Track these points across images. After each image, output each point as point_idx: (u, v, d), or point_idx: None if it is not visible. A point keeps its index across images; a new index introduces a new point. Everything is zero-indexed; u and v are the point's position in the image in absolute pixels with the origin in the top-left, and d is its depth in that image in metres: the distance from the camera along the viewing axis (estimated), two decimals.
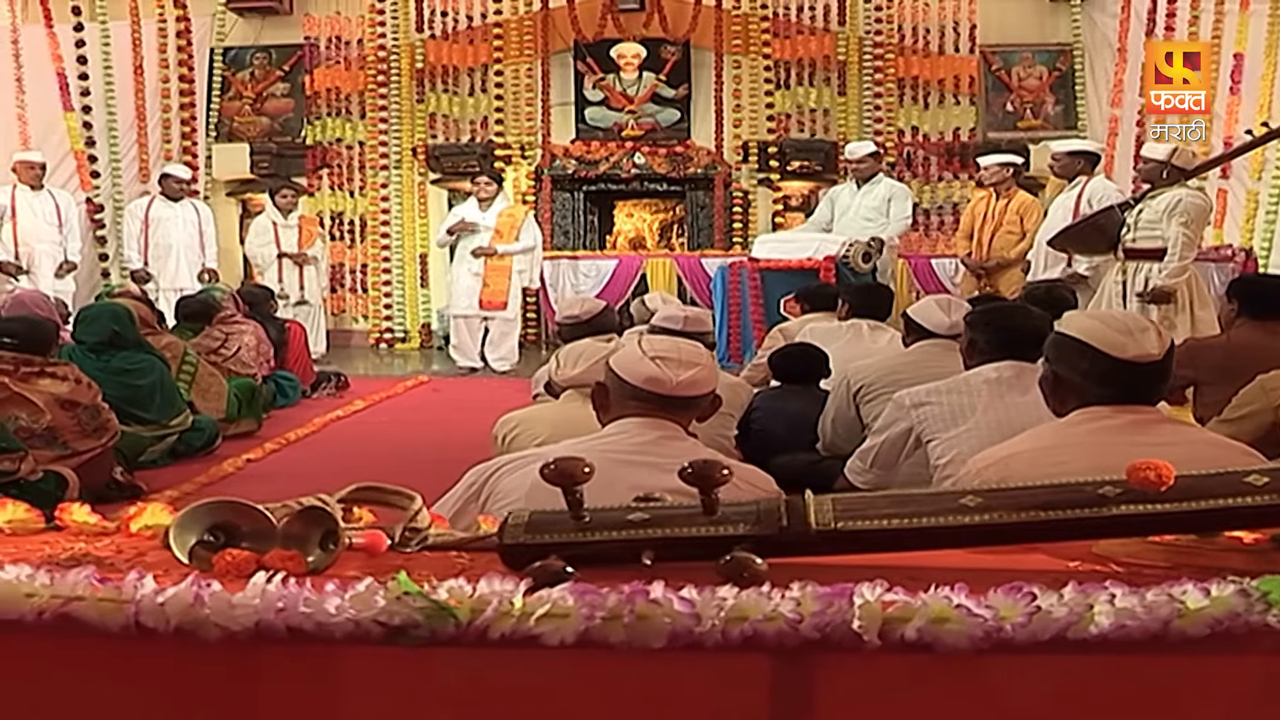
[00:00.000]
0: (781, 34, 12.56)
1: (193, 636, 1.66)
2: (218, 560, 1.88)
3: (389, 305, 12.97)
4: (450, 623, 1.62)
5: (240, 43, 12.83)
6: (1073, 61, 12.18)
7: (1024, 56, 12.36)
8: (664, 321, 5.84)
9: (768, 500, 1.90)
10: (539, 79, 12.85)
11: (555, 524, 1.88)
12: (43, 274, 10.48)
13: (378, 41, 12.73)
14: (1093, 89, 12.07)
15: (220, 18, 12.64)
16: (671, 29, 12.64)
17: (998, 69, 12.37)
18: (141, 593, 1.66)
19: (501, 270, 10.51)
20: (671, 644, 1.60)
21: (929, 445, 4.29)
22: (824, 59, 12.54)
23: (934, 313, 5.38)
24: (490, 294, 10.53)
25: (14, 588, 1.70)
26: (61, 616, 1.68)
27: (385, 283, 12.96)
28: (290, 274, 11.18)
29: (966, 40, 12.31)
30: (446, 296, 12.79)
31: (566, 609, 1.61)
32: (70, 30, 11.75)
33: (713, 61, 12.73)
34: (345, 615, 1.63)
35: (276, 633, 1.64)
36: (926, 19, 12.36)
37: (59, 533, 2.17)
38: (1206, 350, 5.92)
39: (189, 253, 11.13)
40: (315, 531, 1.95)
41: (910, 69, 12.42)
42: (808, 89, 12.59)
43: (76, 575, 1.69)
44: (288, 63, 12.80)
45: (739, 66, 12.71)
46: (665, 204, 13.53)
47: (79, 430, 5.77)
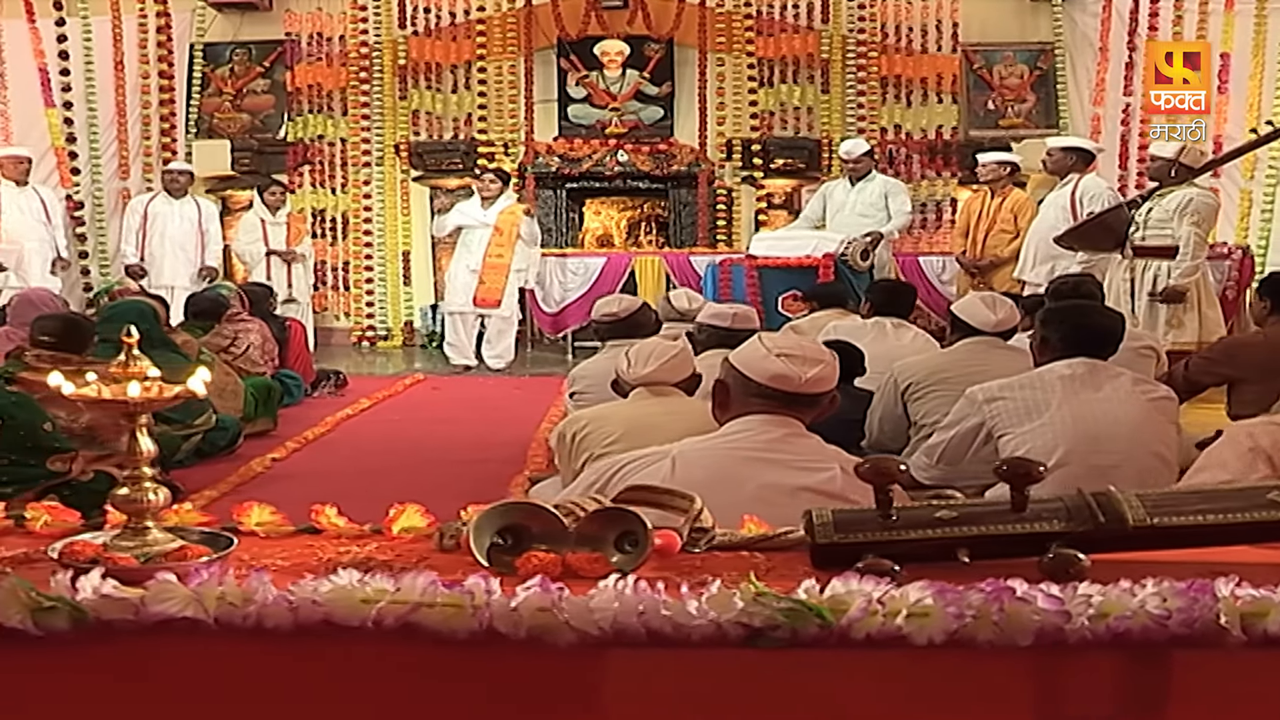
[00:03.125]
0: (765, 32, 12.58)
1: (540, 642, 1.64)
2: (522, 563, 1.86)
3: (371, 303, 12.85)
4: (814, 623, 1.61)
5: (219, 38, 12.66)
6: (1054, 60, 12.30)
7: (1005, 55, 12.46)
8: (712, 319, 5.82)
9: (1072, 498, 1.90)
10: (522, 76, 12.78)
11: (864, 523, 1.88)
12: (31, 271, 10.29)
13: (360, 38, 12.61)
14: (1074, 88, 12.20)
15: (200, 13, 12.48)
16: (655, 26, 12.62)
17: (979, 68, 12.47)
18: (492, 597, 1.64)
19: (499, 268, 10.47)
20: (1039, 641, 1.60)
21: (1000, 440, 4.34)
22: (807, 57, 12.56)
23: (980, 310, 5.43)
24: (486, 291, 10.48)
25: (348, 593, 1.67)
26: (403, 623, 1.65)
27: (367, 280, 12.84)
28: (279, 271, 11.05)
29: (949, 39, 12.39)
30: (431, 294, 12.76)
31: (927, 608, 1.61)
32: (52, 25, 11.57)
33: (696, 59, 12.73)
34: (706, 618, 1.62)
35: (633, 636, 1.63)
36: (909, 18, 12.42)
37: (316, 536, 2.14)
38: (1246, 348, 6.02)
39: (184, 250, 10.98)
40: (610, 532, 1.93)
41: (893, 67, 12.48)
42: (791, 87, 12.61)
43: (419, 580, 1.67)
44: (268, 59, 12.64)
45: (722, 64, 12.72)
46: (633, 201, 13.51)
47: (117, 429, 5.69)
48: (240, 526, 2.14)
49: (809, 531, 1.90)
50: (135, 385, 1.88)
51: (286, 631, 1.66)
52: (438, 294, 12.65)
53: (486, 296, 10.51)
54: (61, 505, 2.31)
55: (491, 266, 10.47)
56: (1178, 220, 7.50)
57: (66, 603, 1.69)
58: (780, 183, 12.65)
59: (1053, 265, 8.79)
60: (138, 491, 1.92)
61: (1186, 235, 7.45)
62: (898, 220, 10.40)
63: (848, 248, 9.89)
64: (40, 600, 1.69)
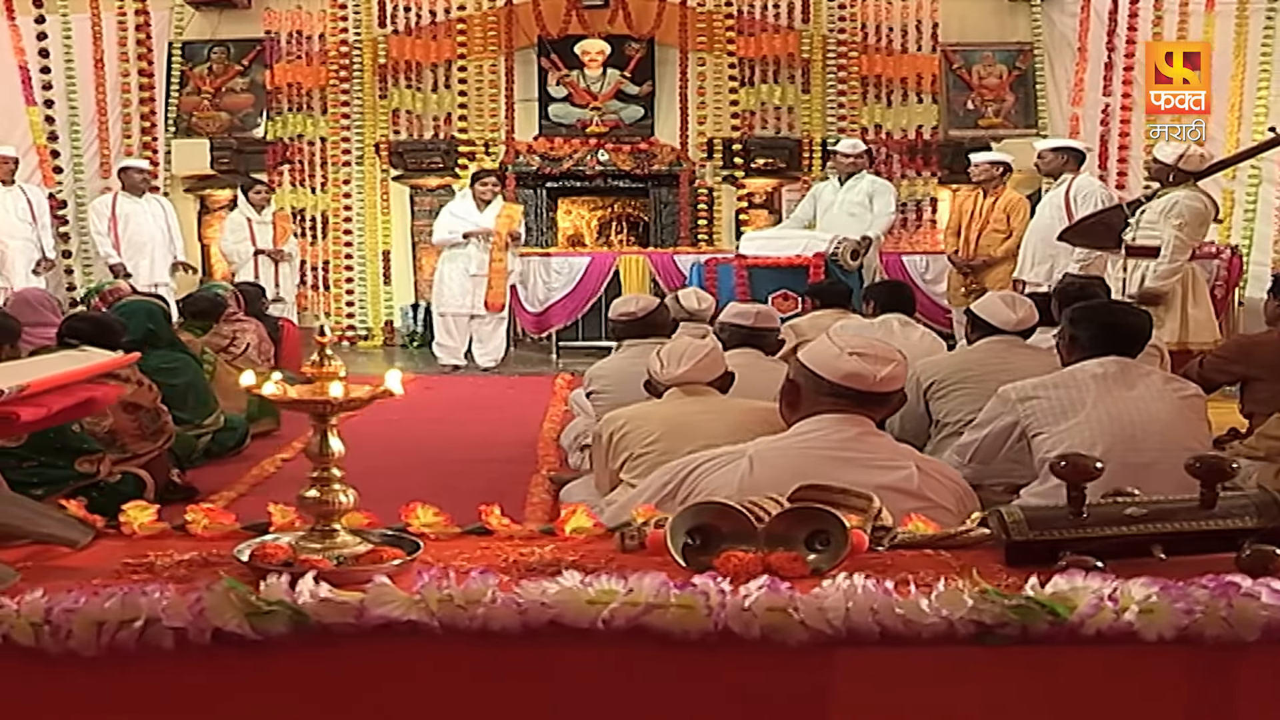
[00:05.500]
0: (746, 31, 12.60)
1: (769, 641, 1.65)
2: (721, 563, 1.87)
3: (351, 303, 12.78)
4: (1045, 620, 1.63)
5: (198, 37, 12.54)
6: (1033, 60, 12.40)
7: (984, 55, 12.55)
8: (734, 318, 5.82)
9: (1259, 494, 1.93)
10: (503, 75, 12.73)
11: (1057, 520, 1.91)
12: (16, 271, 10.15)
13: (340, 36, 12.52)
14: (1053, 88, 12.30)
15: (178, 11, 12.36)
16: (636, 26, 12.62)
17: (958, 68, 12.55)
18: (726, 597, 1.65)
19: (502, 271, 10.47)
20: (1265, 637, 1.63)
21: (1035, 439, 4.37)
22: (788, 57, 12.59)
23: (1000, 310, 5.49)
24: (494, 295, 10.48)
25: (576, 594, 1.68)
26: (633, 625, 1.66)
27: (348, 280, 12.77)
28: (265, 271, 10.96)
29: (928, 39, 12.46)
30: (412, 294, 12.70)
31: (1153, 604, 1.64)
32: (32, 23, 11.43)
33: (677, 58, 12.73)
34: (939, 615, 1.63)
35: (865, 635, 1.64)
36: (889, 18, 12.48)
37: (486, 536, 2.14)
38: (1260, 347, 6.08)
39: (161, 248, 10.87)
40: (799, 531, 1.94)
41: (873, 67, 12.53)
42: (772, 86, 12.65)
43: (650, 581, 1.67)
44: (246, 57, 12.53)
45: (703, 64, 12.73)
46: (604, 201, 13.51)
47: (139, 433, 5.68)
48: (408, 528, 2.13)
49: (1003, 529, 1.92)
50: (337, 385, 1.88)
51: (514, 634, 1.67)
52: (418, 293, 12.61)
53: (495, 300, 10.51)
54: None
55: (497, 271, 10.46)
56: (1163, 222, 7.56)
57: (288, 606, 1.68)
58: (761, 182, 12.68)
59: (1051, 265, 8.87)
60: (327, 493, 1.92)
61: (1168, 238, 7.50)
62: (881, 221, 10.45)
63: (838, 247, 9.94)
64: (259, 604, 1.69)
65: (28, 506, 2.22)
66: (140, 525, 2.18)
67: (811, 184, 11.66)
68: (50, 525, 2.16)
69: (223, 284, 9.04)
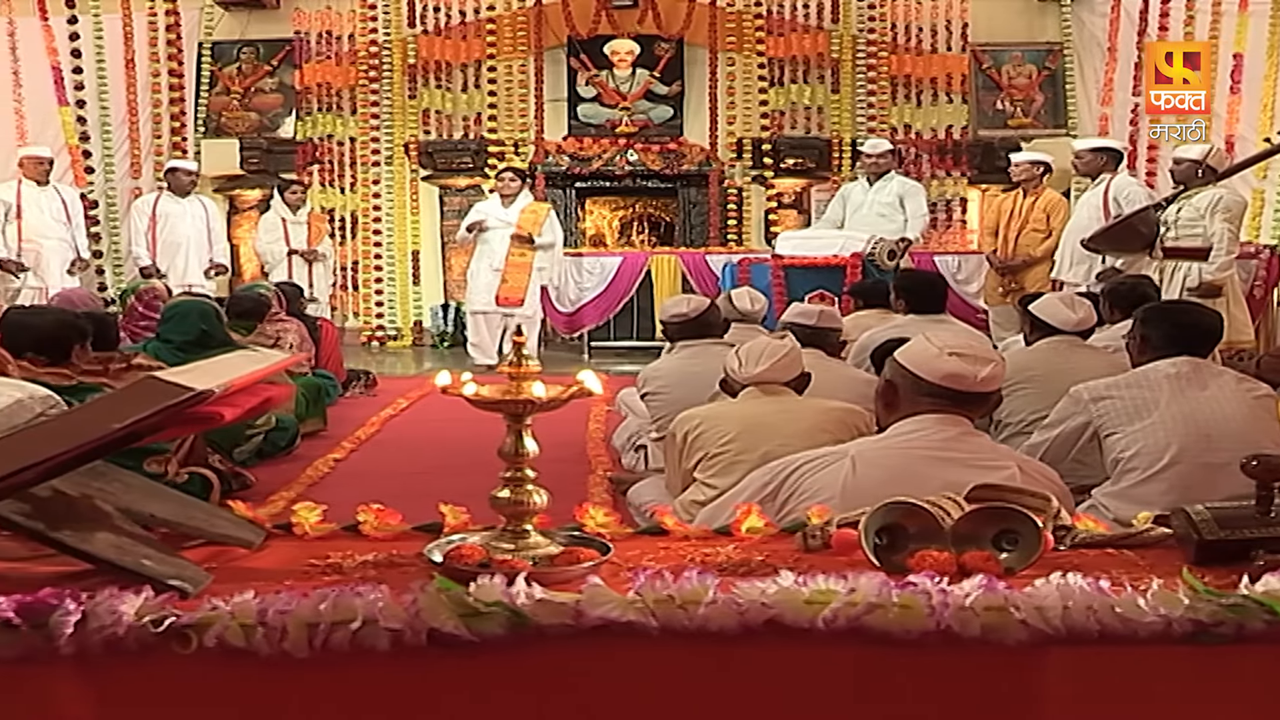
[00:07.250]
0: (775, 31, 12.64)
1: (985, 641, 1.66)
2: (916, 562, 1.88)
3: (380, 303, 12.80)
4: (1262, 619, 1.65)
5: (227, 37, 12.57)
6: (1062, 60, 12.42)
7: (1014, 55, 12.57)
8: (797, 318, 5.83)
9: None
10: (532, 75, 12.76)
11: (1246, 519, 1.92)
12: (51, 271, 10.16)
13: (369, 36, 12.55)
14: (1082, 88, 12.33)
15: (208, 11, 12.39)
16: (665, 26, 12.65)
17: (988, 67, 12.57)
18: (948, 596, 1.66)
19: (522, 267, 10.44)
20: None
21: (1108, 439, 4.37)
22: (818, 56, 12.62)
23: (1060, 310, 5.50)
24: (508, 290, 10.45)
25: (794, 594, 1.69)
26: (853, 624, 1.67)
27: (377, 280, 12.79)
28: (299, 271, 10.98)
29: (958, 39, 12.49)
30: (441, 294, 12.72)
31: None
32: (65, 23, 11.46)
33: (706, 58, 12.77)
34: (1157, 614, 1.65)
35: (1082, 633, 1.66)
36: (918, 18, 12.52)
37: (662, 537, 2.15)
38: None
39: (198, 249, 10.88)
40: (987, 531, 1.96)
41: (903, 67, 12.56)
42: (801, 86, 12.67)
43: (869, 581, 1.69)
44: (276, 57, 12.56)
45: (733, 64, 12.76)
46: (625, 201, 13.53)
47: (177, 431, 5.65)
48: (583, 528, 2.15)
49: (1192, 528, 1.93)
50: (539, 385, 1.89)
51: (731, 634, 1.68)
52: (447, 294, 12.62)
53: (509, 295, 10.48)
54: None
55: (514, 265, 10.43)
56: (1210, 218, 7.60)
57: (506, 608, 1.70)
58: (790, 182, 12.70)
59: (1090, 265, 8.88)
60: (520, 493, 1.93)
61: (1220, 232, 7.55)
62: (916, 223, 10.47)
63: (875, 247, 9.95)
64: (477, 605, 1.70)
65: (203, 508, 2.24)
66: (311, 526, 2.20)
67: (841, 184, 11.66)
68: (226, 526, 2.17)
69: (265, 284, 9.05)
